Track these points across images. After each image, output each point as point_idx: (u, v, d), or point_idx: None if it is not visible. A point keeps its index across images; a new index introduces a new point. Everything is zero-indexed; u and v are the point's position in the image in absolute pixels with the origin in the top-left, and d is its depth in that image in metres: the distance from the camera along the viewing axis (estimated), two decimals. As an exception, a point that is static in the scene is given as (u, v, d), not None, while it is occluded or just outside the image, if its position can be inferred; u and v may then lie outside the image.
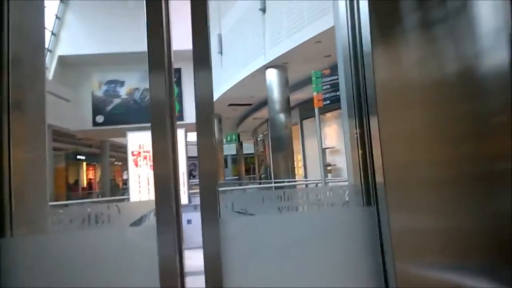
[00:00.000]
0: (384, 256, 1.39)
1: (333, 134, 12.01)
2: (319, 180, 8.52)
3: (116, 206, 1.44)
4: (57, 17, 18.63)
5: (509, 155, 1.31)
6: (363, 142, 1.47)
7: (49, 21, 18.16)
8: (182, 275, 1.36)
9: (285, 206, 1.51)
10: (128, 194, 5.88)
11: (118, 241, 1.38)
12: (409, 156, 1.37)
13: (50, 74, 17.85)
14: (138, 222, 1.54)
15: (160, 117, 1.38)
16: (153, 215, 1.43)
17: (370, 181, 1.47)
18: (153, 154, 1.39)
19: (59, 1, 18.70)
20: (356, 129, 1.50)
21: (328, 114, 11.19)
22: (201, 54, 1.43)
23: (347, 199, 1.53)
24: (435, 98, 1.38)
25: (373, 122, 1.39)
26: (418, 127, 1.38)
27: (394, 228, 1.33)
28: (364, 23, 1.41)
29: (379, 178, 1.39)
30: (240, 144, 22.46)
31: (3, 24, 1.43)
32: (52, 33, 18.46)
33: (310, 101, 8.85)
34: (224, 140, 18.77)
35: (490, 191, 1.34)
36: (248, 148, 25.27)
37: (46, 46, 18.25)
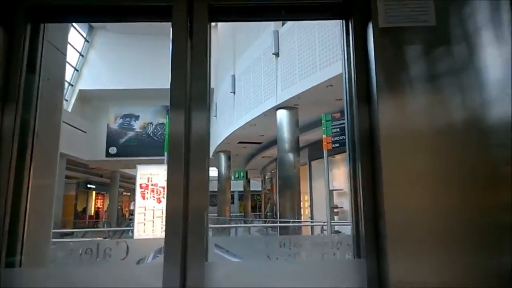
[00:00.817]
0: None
1: (342, 176, 11.99)
2: (324, 222, 8.41)
3: (125, 242, 1.46)
4: (81, 54, 19.82)
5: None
6: (365, 188, 1.44)
7: (73, 58, 19.31)
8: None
9: (277, 254, 1.45)
10: (133, 226, 5.93)
11: (124, 278, 1.38)
12: (412, 205, 1.33)
13: (69, 107, 18.62)
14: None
15: (177, 151, 1.42)
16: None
17: (362, 231, 1.42)
18: (167, 189, 1.40)
19: (83, 41, 19.97)
20: (357, 173, 1.48)
21: (338, 156, 11.24)
22: (199, 95, 1.49)
23: (338, 248, 1.48)
24: (441, 146, 1.38)
25: (377, 168, 1.39)
26: (423, 175, 1.35)
27: (394, 283, 1.26)
28: (371, 70, 1.46)
29: (381, 227, 1.34)
30: (248, 181, 22.42)
31: (35, 68, 1.62)
32: (75, 69, 19.55)
33: (320, 142, 8.97)
34: (232, 176, 18.81)
35: (498, 245, 1.30)
36: (256, 185, 25.17)
37: (69, 80, 19.24)
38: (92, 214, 24.47)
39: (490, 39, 1.48)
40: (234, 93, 14.44)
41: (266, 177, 22.66)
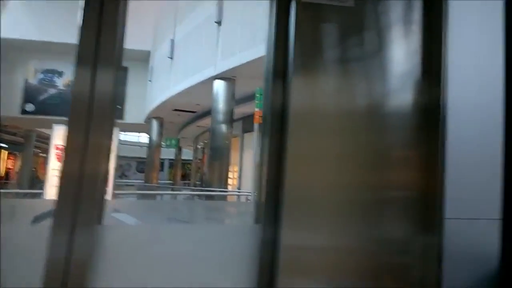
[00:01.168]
0: (273, 275, 1.39)
1: (272, 151, 12.33)
2: (249, 192, 8.70)
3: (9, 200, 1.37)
4: (-3, -5, 17.17)
5: (401, 186, 1.51)
6: (270, 160, 1.51)
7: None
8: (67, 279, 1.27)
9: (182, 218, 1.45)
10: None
11: (7, 240, 1.29)
12: (310, 178, 1.47)
13: (-21, 53, 16.21)
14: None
15: (79, 111, 1.35)
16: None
17: (261, 199, 1.51)
18: (65, 150, 1.32)
19: (1, -23, 17.28)
20: (265, 146, 1.55)
21: (269, 131, 11.50)
22: (108, 53, 1.41)
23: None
24: (343, 127, 1.51)
25: (284, 143, 1.47)
26: (324, 152, 1.49)
27: (284, 247, 1.39)
28: (290, 45, 1.50)
29: (279, 197, 1.45)
30: (179, 150, 22.06)
31: None
32: (-11, 10, 16.92)
33: (253, 115, 9.09)
34: (163, 144, 18.33)
35: (379, 217, 1.49)
36: (188, 154, 24.91)
37: (-21, 22, 16.65)
38: (2, 175, 22.28)
39: (400, 33, 1.61)
40: (172, 58, 13.81)
41: (199, 146, 22.50)
